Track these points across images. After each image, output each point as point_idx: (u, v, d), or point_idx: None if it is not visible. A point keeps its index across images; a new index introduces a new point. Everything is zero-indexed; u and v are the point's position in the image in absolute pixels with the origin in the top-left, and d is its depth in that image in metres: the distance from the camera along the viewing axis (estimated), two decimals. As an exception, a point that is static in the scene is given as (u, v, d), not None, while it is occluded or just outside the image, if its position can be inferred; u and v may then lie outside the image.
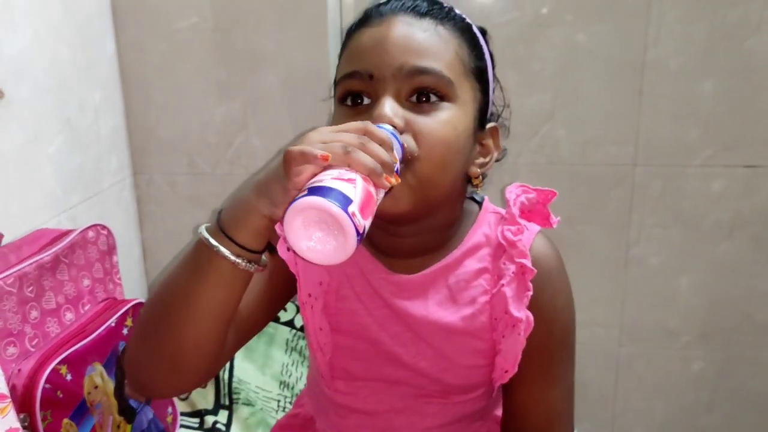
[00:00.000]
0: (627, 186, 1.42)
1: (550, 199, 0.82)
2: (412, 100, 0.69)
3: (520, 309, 0.73)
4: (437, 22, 0.71)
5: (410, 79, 0.68)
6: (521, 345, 0.73)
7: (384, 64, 0.68)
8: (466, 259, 0.77)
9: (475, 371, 0.78)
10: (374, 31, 0.71)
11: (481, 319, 0.76)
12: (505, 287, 0.74)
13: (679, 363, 1.53)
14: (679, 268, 1.46)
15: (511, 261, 0.75)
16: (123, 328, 1.00)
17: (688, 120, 1.37)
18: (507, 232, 0.76)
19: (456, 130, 0.70)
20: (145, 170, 1.40)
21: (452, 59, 0.71)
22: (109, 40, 1.32)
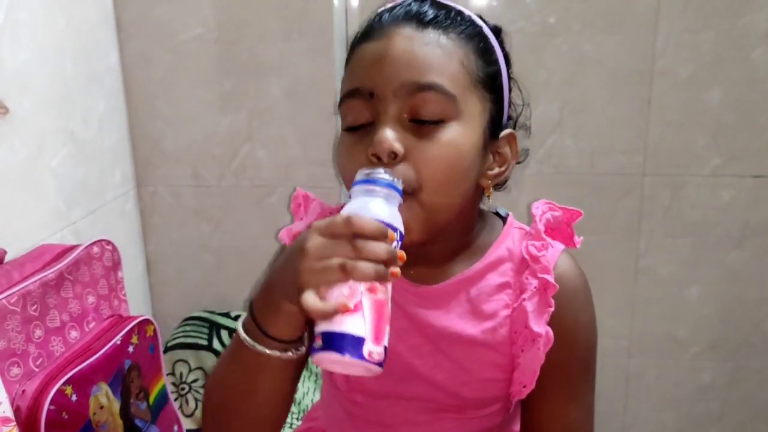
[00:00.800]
0: (636, 196, 1.41)
1: (575, 219, 0.81)
2: (414, 120, 0.67)
3: (541, 324, 0.72)
4: (441, 31, 0.69)
5: (411, 97, 0.66)
6: (540, 360, 0.73)
7: (384, 82, 0.67)
8: (488, 272, 0.77)
9: (493, 385, 0.77)
10: (375, 46, 0.69)
11: (501, 332, 0.75)
12: (526, 302, 0.74)
13: (688, 373, 1.51)
14: (689, 278, 1.45)
15: (533, 276, 0.74)
16: (128, 346, 0.98)
17: (697, 129, 1.37)
18: (531, 248, 0.76)
19: (460, 151, 0.68)
20: (149, 182, 1.39)
21: (456, 72, 0.68)
22: (112, 52, 1.30)
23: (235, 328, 1.35)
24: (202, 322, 1.39)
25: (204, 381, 1.31)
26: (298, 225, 0.82)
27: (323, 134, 1.35)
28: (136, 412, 0.99)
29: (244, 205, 1.39)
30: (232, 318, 1.40)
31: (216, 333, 1.37)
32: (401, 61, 0.67)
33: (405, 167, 0.66)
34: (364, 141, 0.67)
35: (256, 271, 1.42)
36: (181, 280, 1.44)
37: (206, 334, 1.37)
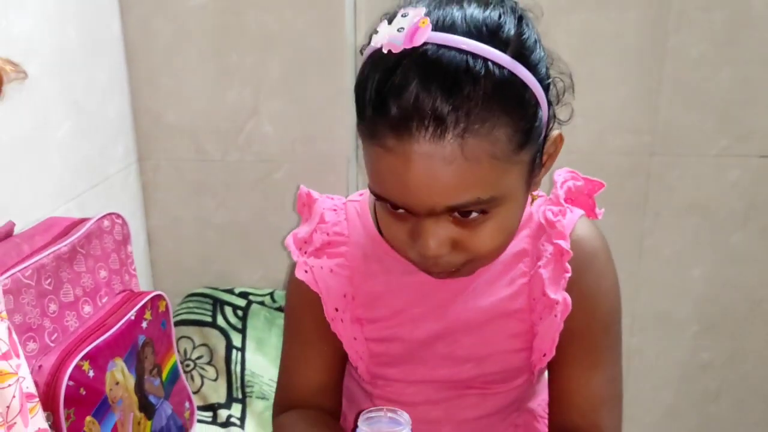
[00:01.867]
0: (643, 175, 1.41)
1: (597, 190, 0.81)
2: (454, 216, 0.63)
3: (557, 291, 0.72)
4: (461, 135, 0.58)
5: (447, 212, 0.63)
6: (558, 327, 0.72)
7: (414, 205, 0.62)
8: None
9: (514, 356, 0.77)
10: (392, 161, 0.60)
11: (520, 301, 0.75)
12: (542, 269, 0.73)
13: (688, 352, 1.53)
14: (693, 259, 1.47)
15: (549, 242, 0.74)
16: (142, 322, 0.96)
17: (705, 109, 1.37)
18: (548, 212, 0.75)
19: (511, 225, 0.67)
20: (151, 156, 1.35)
21: (488, 173, 0.60)
22: (114, 20, 1.26)
23: (237, 304, 1.36)
24: (205, 299, 1.37)
25: (208, 357, 1.29)
26: (303, 230, 0.80)
27: (332, 110, 1.32)
28: (150, 388, 0.97)
29: (249, 180, 1.37)
30: (235, 294, 1.38)
31: (220, 309, 1.35)
32: (426, 188, 0.60)
33: (452, 256, 0.65)
34: (406, 224, 0.65)
35: (259, 247, 1.40)
36: (183, 255, 1.42)
37: (210, 310, 1.35)
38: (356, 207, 0.80)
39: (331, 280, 0.77)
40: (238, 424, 1.20)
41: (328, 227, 0.79)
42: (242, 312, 1.35)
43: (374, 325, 0.78)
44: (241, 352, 1.29)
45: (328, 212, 0.80)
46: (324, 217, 0.79)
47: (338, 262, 0.78)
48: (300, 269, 0.77)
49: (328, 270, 0.78)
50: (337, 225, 0.79)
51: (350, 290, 0.78)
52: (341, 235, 0.79)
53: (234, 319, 1.34)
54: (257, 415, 1.22)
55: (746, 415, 1.55)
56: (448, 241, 0.64)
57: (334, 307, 0.77)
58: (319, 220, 0.79)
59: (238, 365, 1.28)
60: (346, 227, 0.79)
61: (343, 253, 0.78)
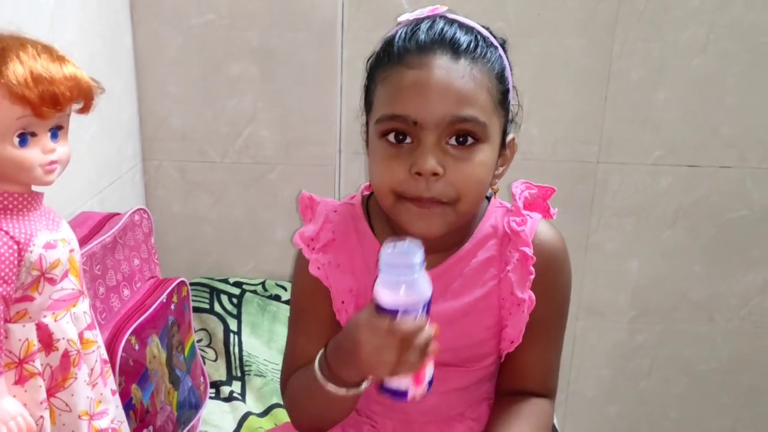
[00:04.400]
0: (590, 181, 1.60)
1: (550, 195, 0.91)
2: (451, 142, 0.75)
3: (524, 291, 0.84)
4: (472, 62, 0.75)
5: (451, 126, 0.75)
6: (525, 320, 0.85)
7: (428, 114, 0.74)
8: (477, 250, 0.86)
9: (487, 343, 0.89)
10: (415, 75, 0.75)
11: (491, 300, 0.86)
12: (510, 273, 0.84)
13: (625, 335, 1.72)
14: (630, 253, 1.66)
15: (515, 249, 0.84)
16: (171, 304, 1.09)
17: (644, 124, 1.56)
18: (512, 223, 0.85)
19: (488, 168, 0.78)
20: (155, 157, 1.47)
21: (485, 101, 0.76)
22: (127, 34, 1.38)
23: (232, 293, 1.48)
24: (203, 288, 1.49)
25: (208, 340, 1.42)
26: (309, 229, 0.87)
27: (322, 117, 1.47)
28: (177, 363, 1.10)
29: (245, 180, 1.50)
30: (230, 284, 1.51)
31: (216, 297, 1.48)
32: (442, 95, 0.74)
33: (444, 184, 0.75)
34: (404, 157, 0.75)
35: (253, 241, 1.53)
36: (182, 248, 1.53)
37: (207, 298, 1.47)
38: (351, 210, 0.89)
39: (338, 275, 0.86)
40: (240, 398, 1.32)
41: (333, 226, 0.87)
42: (237, 300, 1.48)
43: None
44: (237, 335, 1.42)
45: (332, 213, 0.88)
46: (329, 218, 0.88)
47: (343, 257, 0.86)
48: (314, 266, 0.85)
49: (335, 265, 0.86)
50: (340, 224, 0.87)
51: (354, 286, 0.86)
52: (344, 234, 0.87)
53: (230, 306, 1.47)
54: (256, 390, 1.34)
55: (673, 389, 1.77)
56: (443, 163, 0.74)
57: (341, 300, 0.86)
58: (325, 220, 0.87)
59: (235, 347, 1.40)
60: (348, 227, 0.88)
61: (346, 251, 0.87)
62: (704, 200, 1.61)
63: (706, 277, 1.67)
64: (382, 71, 0.79)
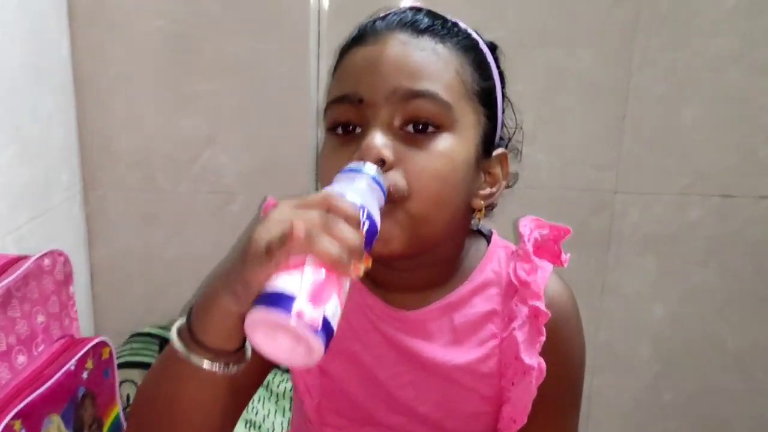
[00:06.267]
0: (606, 212, 1.41)
1: (564, 237, 0.77)
2: (406, 129, 0.64)
3: (533, 355, 0.69)
4: (437, 39, 0.66)
5: (404, 104, 0.63)
6: (532, 394, 0.69)
7: (376, 87, 0.63)
8: (473, 297, 0.72)
9: (479, 418, 0.73)
10: (367, 50, 0.66)
11: (489, 364, 0.72)
12: (516, 331, 0.70)
13: (649, 393, 1.52)
14: (654, 297, 1.46)
15: (523, 303, 0.71)
16: (83, 372, 0.88)
17: (668, 147, 1.37)
18: (520, 271, 0.72)
19: (453, 162, 0.65)
20: (97, 186, 1.28)
21: (452, 80, 0.65)
22: (63, 43, 1.19)
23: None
24: (151, 339, 1.29)
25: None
26: None
27: (293, 141, 1.28)
28: (90, 444, 0.89)
29: (202, 213, 1.31)
30: (185, 334, 1.30)
31: (168, 350, 1.27)
32: (395, 66, 0.64)
33: (394, 174, 0.62)
34: (351, 146, 0.64)
35: (213, 283, 1.33)
36: (128, 292, 1.34)
37: (156, 351, 1.27)
38: None
39: None
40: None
41: None
42: None
43: (334, 357, 0.72)
44: (190, 396, 1.21)
45: None
46: None
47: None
48: None
49: None
50: None
51: None
52: None
53: (184, 361, 1.26)
54: None
55: None
56: (393, 149, 0.62)
57: None
58: None
59: (186, 411, 1.20)
60: None
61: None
62: (739, 235, 1.42)
63: (743, 325, 1.47)
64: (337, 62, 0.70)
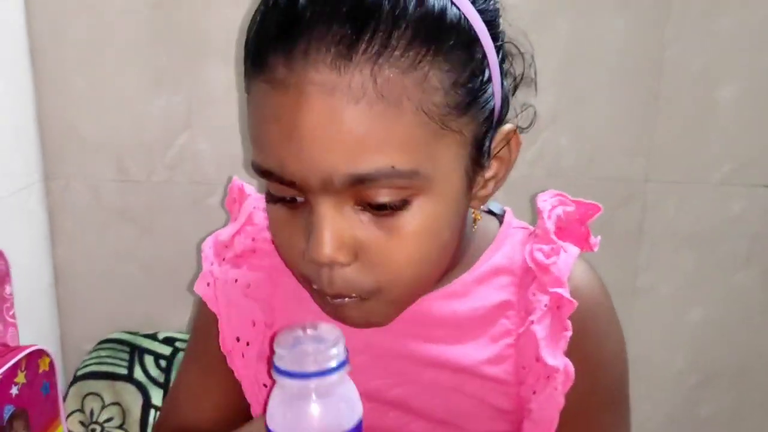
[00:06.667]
0: (637, 204, 1.26)
1: (592, 216, 0.67)
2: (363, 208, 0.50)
3: (557, 355, 0.58)
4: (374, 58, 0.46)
5: (348, 191, 0.49)
6: (558, 405, 0.58)
7: (305, 170, 0.48)
8: (480, 286, 0.62)
9: None
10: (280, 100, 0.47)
11: (504, 368, 0.61)
12: (535, 325, 0.59)
13: (686, 407, 1.36)
14: (692, 299, 1.31)
15: (542, 291, 0.60)
16: (11, 387, 0.74)
17: (707, 130, 1.22)
18: (537, 253, 0.61)
19: (434, 232, 0.52)
20: (59, 175, 1.15)
21: (412, 131, 0.47)
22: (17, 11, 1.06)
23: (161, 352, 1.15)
24: (121, 346, 1.16)
25: (120, 419, 1.07)
26: (226, 231, 0.66)
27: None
28: (22, 475, 0.74)
29: (179, 205, 1.18)
30: (159, 341, 1.17)
31: (138, 359, 1.15)
32: (321, 142, 0.46)
33: (357, 271, 0.51)
34: (299, 227, 0.52)
35: (191, 284, 1.20)
36: (97, 295, 1.22)
37: (126, 360, 1.14)
38: None
39: (241, 299, 0.64)
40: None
41: (256, 231, 0.66)
42: (166, 362, 1.15)
43: None
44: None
45: (260, 213, 0.66)
46: (253, 218, 0.66)
47: (258, 277, 0.64)
48: (202, 281, 0.63)
49: (242, 285, 0.64)
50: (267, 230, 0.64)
51: (264, 317, 0.63)
52: (270, 243, 0.64)
53: (155, 372, 1.13)
54: None
55: None
56: (351, 242, 0.50)
57: (235, 336, 0.63)
58: (246, 221, 0.66)
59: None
60: None
61: (267, 267, 0.65)
62: (790, 230, 1.27)
63: (794, 332, 1.31)
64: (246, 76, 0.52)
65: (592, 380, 0.61)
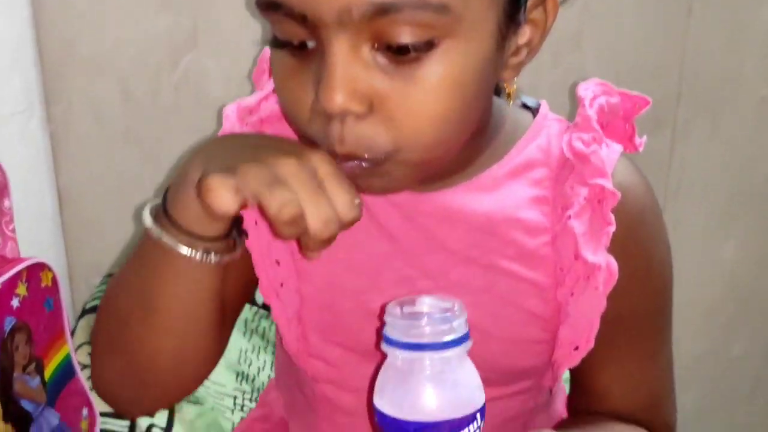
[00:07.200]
0: (667, 130, 1.23)
1: (639, 111, 0.63)
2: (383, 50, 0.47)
3: (598, 251, 0.56)
4: None
5: (368, 25, 0.45)
6: (600, 307, 0.56)
7: (320, 3, 0.45)
8: (511, 180, 0.59)
9: (526, 350, 0.60)
10: None
11: (540, 269, 0.58)
12: (573, 220, 0.56)
13: (718, 345, 1.36)
14: (726, 232, 1.29)
15: (581, 183, 0.57)
16: (12, 299, 0.70)
17: (746, 47, 1.18)
18: (577, 142, 0.58)
19: (460, 85, 0.48)
20: (61, 97, 1.10)
21: None
22: None
23: None
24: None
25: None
26: (250, 98, 0.63)
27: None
28: (23, 390, 0.72)
29: (187, 129, 1.13)
30: (170, 273, 1.13)
31: (149, 291, 1.10)
32: None
33: (372, 126, 0.48)
34: (309, 66, 0.48)
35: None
36: (104, 223, 1.16)
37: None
38: None
39: None
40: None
41: None
42: None
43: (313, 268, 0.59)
44: (172, 343, 1.05)
45: None
46: None
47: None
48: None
49: None
50: None
51: None
52: None
53: (165, 303, 1.09)
54: (187, 423, 0.97)
55: None
56: (366, 91, 0.46)
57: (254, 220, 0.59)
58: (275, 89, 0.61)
59: (167, 360, 1.03)
60: None
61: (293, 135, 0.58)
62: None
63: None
64: None
65: (640, 283, 0.59)
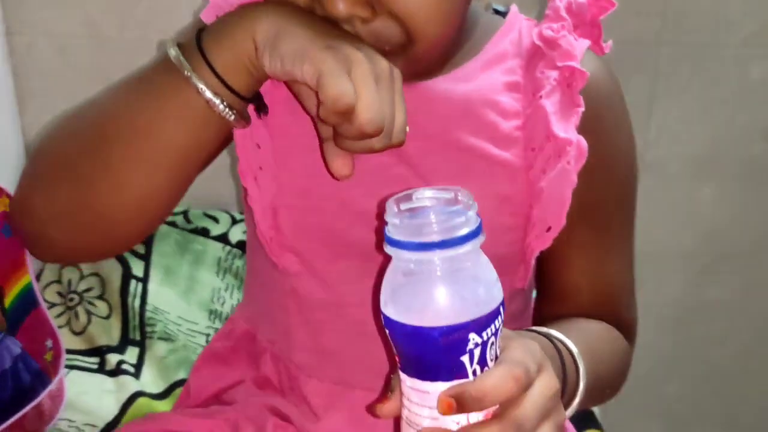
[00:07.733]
0: (648, 71, 1.17)
1: (604, 12, 0.62)
2: None
3: (568, 129, 0.56)
4: None
5: None
6: (571, 182, 0.56)
7: None
8: (486, 71, 0.60)
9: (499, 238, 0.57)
10: None
11: (512, 151, 0.58)
12: (543, 100, 0.57)
13: (692, 288, 1.31)
14: (704, 176, 1.24)
15: (551, 67, 0.58)
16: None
17: None
18: (546, 30, 0.59)
19: None
20: (23, 29, 1.06)
21: None
22: None
23: None
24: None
25: (99, 290, 1.02)
26: None
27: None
28: (-20, 318, 0.69)
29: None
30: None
31: (118, 232, 1.07)
32: None
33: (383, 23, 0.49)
34: None
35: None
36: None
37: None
38: None
39: None
40: (132, 371, 0.93)
41: None
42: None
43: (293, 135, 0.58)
44: (142, 282, 1.03)
45: None
46: None
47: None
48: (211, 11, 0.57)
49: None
50: None
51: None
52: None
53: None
54: (157, 360, 0.96)
55: (754, 362, 1.35)
56: None
57: None
58: None
59: (137, 299, 1.01)
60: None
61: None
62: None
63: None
64: None
65: (606, 174, 0.60)
